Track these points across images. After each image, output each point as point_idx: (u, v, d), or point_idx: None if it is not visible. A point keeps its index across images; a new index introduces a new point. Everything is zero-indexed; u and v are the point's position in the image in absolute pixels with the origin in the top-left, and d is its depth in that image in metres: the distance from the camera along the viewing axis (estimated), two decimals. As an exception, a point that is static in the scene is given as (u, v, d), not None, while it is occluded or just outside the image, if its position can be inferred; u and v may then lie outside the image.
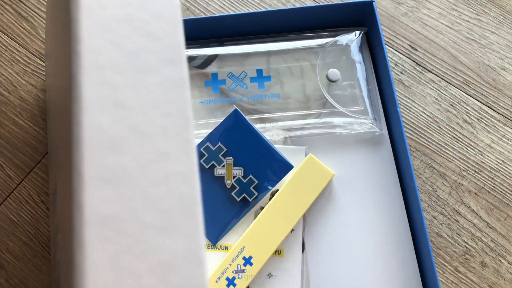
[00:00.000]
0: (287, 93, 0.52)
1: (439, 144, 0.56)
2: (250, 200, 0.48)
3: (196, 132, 0.50)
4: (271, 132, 0.51)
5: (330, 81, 0.52)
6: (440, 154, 0.56)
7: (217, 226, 0.48)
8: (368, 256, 0.49)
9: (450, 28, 0.61)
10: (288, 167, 0.49)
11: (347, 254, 0.49)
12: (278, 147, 0.50)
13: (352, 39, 0.55)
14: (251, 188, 0.48)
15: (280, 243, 0.47)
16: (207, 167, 0.49)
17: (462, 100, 0.58)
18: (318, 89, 0.53)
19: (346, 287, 0.48)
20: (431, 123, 0.57)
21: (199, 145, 0.49)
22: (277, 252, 0.48)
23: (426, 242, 0.46)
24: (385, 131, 0.53)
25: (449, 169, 0.55)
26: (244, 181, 0.49)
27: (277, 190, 0.49)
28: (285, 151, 0.50)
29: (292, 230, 0.48)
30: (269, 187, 0.49)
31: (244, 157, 0.49)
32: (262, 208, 0.49)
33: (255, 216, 0.49)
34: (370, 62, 0.55)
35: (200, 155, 0.49)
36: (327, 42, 0.54)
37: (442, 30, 0.61)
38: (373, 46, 0.55)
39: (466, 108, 0.58)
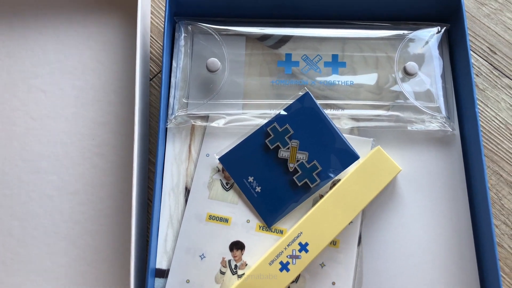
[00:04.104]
0: (359, 81, 0.51)
1: (510, 152, 0.53)
2: (312, 186, 0.47)
3: (264, 111, 0.49)
4: (338, 120, 0.50)
5: (407, 74, 0.50)
6: (509, 162, 0.53)
7: (274, 209, 0.47)
8: (426, 259, 0.47)
9: None
10: (354, 157, 0.48)
11: (404, 253, 0.47)
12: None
13: (433, 34, 0.52)
14: (313, 174, 0.47)
15: (337, 234, 0.45)
16: (271, 147, 0.48)
17: None
18: (392, 81, 0.51)
19: (399, 286, 0.46)
20: (503, 130, 0.54)
21: (266, 125, 0.48)
22: (333, 242, 0.47)
23: (493, 252, 0.43)
24: (457, 132, 0.50)
25: None
26: (308, 166, 0.47)
27: (339, 180, 0.48)
28: (351, 141, 0.48)
29: (350, 222, 0.47)
30: (332, 176, 0.47)
31: (310, 141, 0.48)
32: (321, 196, 0.48)
33: (314, 204, 0.48)
34: (449, 60, 0.53)
35: (266, 135, 0.48)
36: (406, 34, 0.52)
37: None
38: (453, 44, 0.53)
39: None
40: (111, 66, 0.55)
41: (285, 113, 0.48)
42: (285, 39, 0.52)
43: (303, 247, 0.44)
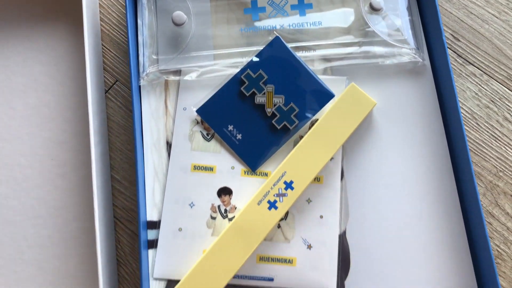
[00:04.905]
0: (327, 21, 0.51)
1: (476, 142, 0.53)
2: (291, 128, 0.48)
3: (235, 60, 0.50)
4: (311, 62, 0.51)
5: (373, 9, 0.51)
6: (476, 152, 0.52)
7: (257, 153, 0.48)
8: (406, 186, 0.48)
9: (497, 17, 0.56)
10: (329, 95, 0.48)
11: (385, 183, 0.49)
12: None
13: (395, -34, 0.52)
14: (291, 116, 0.48)
15: (320, 170, 0.46)
16: (247, 94, 0.48)
17: (504, 96, 0.54)
18: (360, 18, 0.51)
19: (385, 214, 0.48)
20: (469, 120, 0.53)
21: (240, 72, 0.49)
22: (317, 179, 0.48)
23: (470, 171, 0.45)
24: (427, 62, 0.52)
25: (485, 168, 0.52)
26: (285, 109, 0.48)
27: (317, 120, 0.49)
28: (325, 81, 0.49)
29: (332, 158, 0.48)
30: (310, 116, 0.48)
31: (285, 85, 0.48)
32: (301, 137, 0.49)
33: (294, 145, 0.49)
34: (413, -8, 0.54)
35: (241, 83, 0.49)
36: (369, -30, 0.52)
37: (488, 20, 0.56)
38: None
39: (508, 105, 0.53)
40: (64, 81, 0.52)
41: (257, 59, 0.49)
42: (249, -14, 0.52)
43: (289, 185, 0.46)
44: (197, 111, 0.49)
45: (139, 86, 0.50)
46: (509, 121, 0.53)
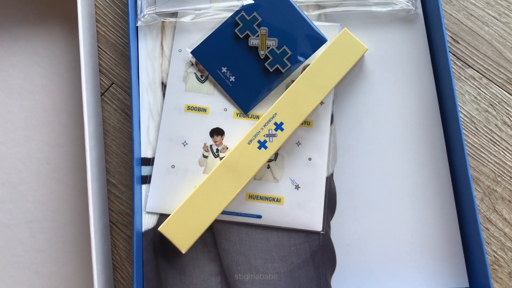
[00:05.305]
0: (323, -33, 0.51)
1: (474, 147, 0.52)
2: (283, 71, 0.49)
3: (231, 4, 0.50)
4: (305, 8, 0.51)
5: (369, -46, 0.51)
6: (474, 157, 0.52)
7: (249, 96, 0.49)
8: (395, 130, 0.50)
9: (497, 20, 0.54)
10: (322, 40, 0.49)
11: (374, 127, 0.50)
12: (312, 22, 0.49)
13: None
14: (284, 59, 0.49)
15: (310, 113, 0.48)
16: (241, 36, 0.49)
17: (503, 100, 0.53)
18: (355, -36, 0.51)
19: (372, 159, 0.50)
20: (467, 124, 0.53)
21: (234, 14, 0.49)
22: (307, 123, 0.49)
23: (456, 113, 0.47)
24: (420, 11, 0.52)
25: (483, 173, 0.51)
26: (278, 52, 0.49)
27: (309, 65, 0.50)
28: (319, 27, 0.50)
29: (322, 103, 0.50)
30: (302, 59, 0.49)
31: (278, 28, 0.49)
32: (293, 81, 0.50)
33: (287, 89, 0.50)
34: None
35: (235, 25, 0.49)
36: None
37: (488, 22, 0.54)
38: None
39: (507, 109, 0.52)
40: (60, 83, 0.51)
41: (252, 1, 0.49)
42: None
43: (279, 126, 0.47)
44: (192, 52, 0.50)
45: (136, 27, 0.50)
46: (508, 126, 0.52)
